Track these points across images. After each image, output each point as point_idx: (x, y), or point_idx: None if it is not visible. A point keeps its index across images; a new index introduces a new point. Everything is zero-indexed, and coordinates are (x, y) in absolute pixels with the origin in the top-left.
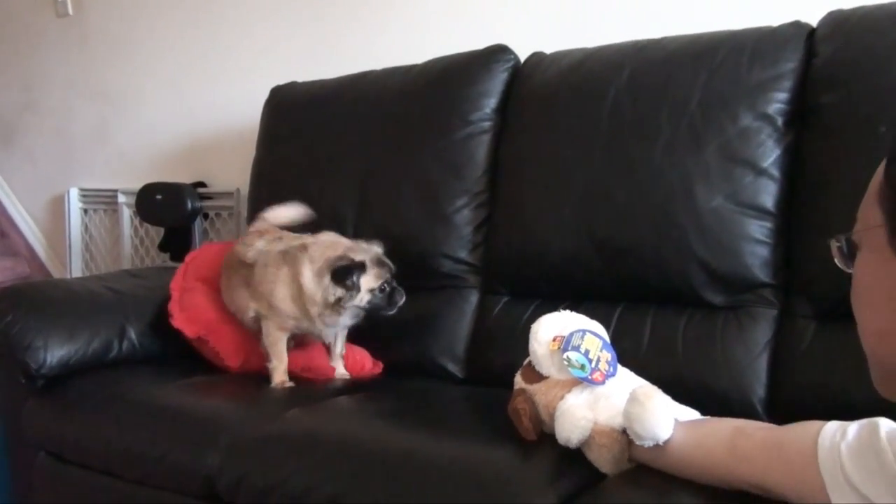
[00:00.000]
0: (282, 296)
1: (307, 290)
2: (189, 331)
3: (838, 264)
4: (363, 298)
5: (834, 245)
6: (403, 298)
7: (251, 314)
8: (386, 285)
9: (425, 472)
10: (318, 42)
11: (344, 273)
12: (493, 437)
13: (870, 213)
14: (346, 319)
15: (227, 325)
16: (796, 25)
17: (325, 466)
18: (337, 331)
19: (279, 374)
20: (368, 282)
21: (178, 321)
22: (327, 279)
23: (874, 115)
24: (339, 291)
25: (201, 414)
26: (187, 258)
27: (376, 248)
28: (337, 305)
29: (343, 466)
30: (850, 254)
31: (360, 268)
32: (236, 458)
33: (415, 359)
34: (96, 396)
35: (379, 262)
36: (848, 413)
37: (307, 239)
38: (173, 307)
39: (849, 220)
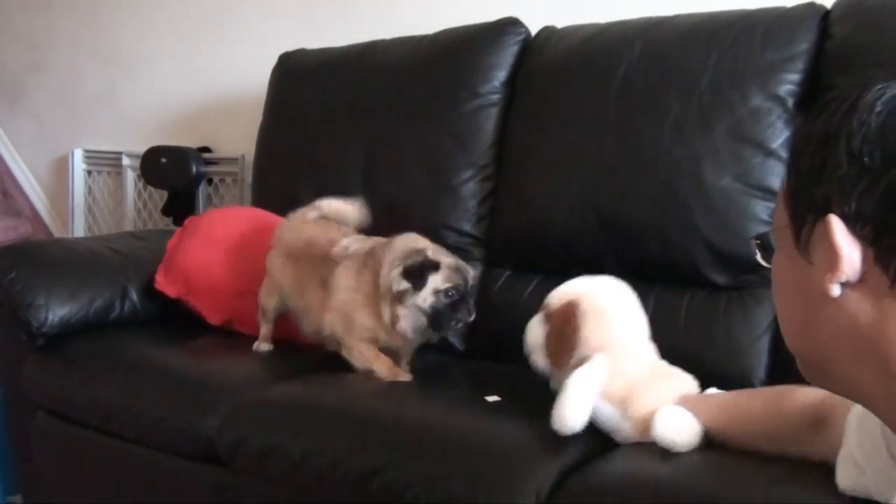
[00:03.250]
0: (360, 301)
1: (381, 282)
2: (171, 291)
3: (761, 262)
4: (426, 299)
5: (753, 243)
6: (470, 317)
7: (326, 330)
8: (454, 292)
9: (423, 440)
10: (328, 9)
11: (416, 268)
12: (494, 407)
13: (779, 213)
14: (408, 324)
15: (212, 284)
16: (810, 6)
17: (324, 432)
18: (408, 348)
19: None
20: (436, 282)
21: (161, 283)
22: (398, 270)
23: None
24: (405, 284)
25: (202, 376)
26: (187, 222)
27: (457, 259)
28: (399, 300)
29: (342, 432)
30: (769, 252)
31: (433, 267)
32: (236, 420)
33: None
34: (97, 356)
35: (455, 269)
36: None
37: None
38: (159, 269)
39: None
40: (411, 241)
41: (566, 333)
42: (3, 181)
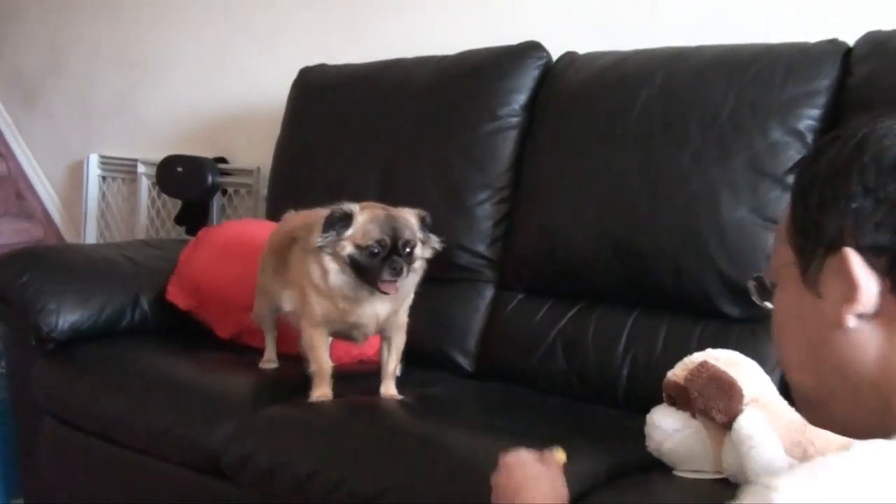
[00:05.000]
0: (309, 271)
1: (310, 242)
2: (182, 303)
3: (755, 301)
4: (345, 247)
5: (750, 284)
6: (399, 277)
7: (286, 307)
8: (377, 247)
9: (432, 461)
10: (350, 25)
11: (327, 220)
12: (500, 429)
13: (781, 251)
14: (336, 276)
15: (223, 297)
16: (833, 43)
17: (332, 451)
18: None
19: (320, 386)
20: (355, 237)
21: (172, 294)
22: (318, 226)
23: None
24: (321, 238)
25: (211, 389)
26: (200, 233)
27: (402, 213)
28: (320, 255)
29: (349, 452)
30: (766, 291)
31: (346, 217)
32: (243, 436)
33: (425, 349)
34: (106, 363)
35: (380, 223)
36: None
37: None
38: (171, 280)
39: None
40: (346, 205)
41: (724, 384)
42: (17, 184)
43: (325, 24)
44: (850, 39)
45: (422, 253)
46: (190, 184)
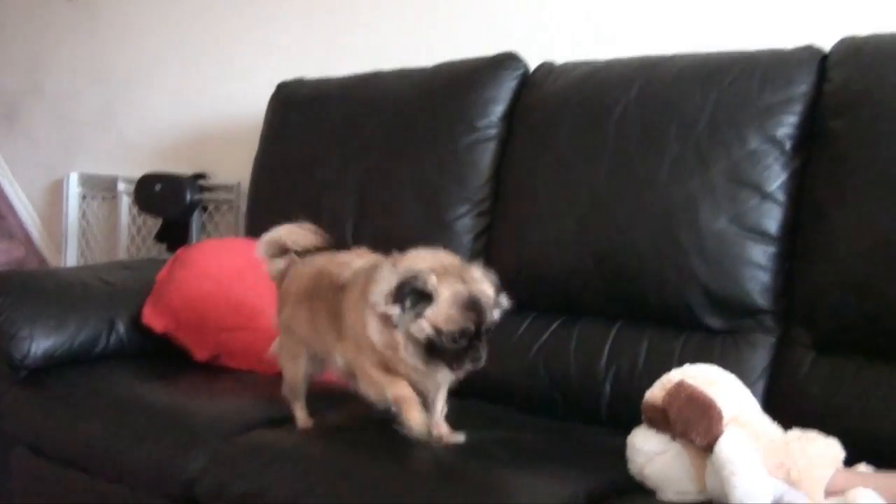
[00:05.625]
0: (366, 321)
1: (369, 297)
2: (158, 325)
3: None
4: (423, 329)
5: None
6: (479, 363)
7: (339, 361)
8: (461, 337)
9: (408, 490)
10: (327, 38)
11: (402, 292)
12: (482, 454)
13: None
14: (408, 352)
15: (200, 318)
16: (809, 50)
17: (308, 480)
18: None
19: (410, 413)
20: (436, 320)
21: (148, 316)
22: (385, 287)
23: (882, 144)
24: (390, 308)
25: (186, 415)
26: (178, 252)
27: (481, 286)
28: (390, 323)
29: (325, 481)
30: None
31: (425, 297)
32: (218, 464)
33: None
34: (79, 391)
35: (464, 304)
36: (843, 445)
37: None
38: (147, 302)
39: (851, 249)
40: (420, 259)
41: (702, 405)
42: None
43: (303, 39)
44: (827, 45)
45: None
46: (168, 202)
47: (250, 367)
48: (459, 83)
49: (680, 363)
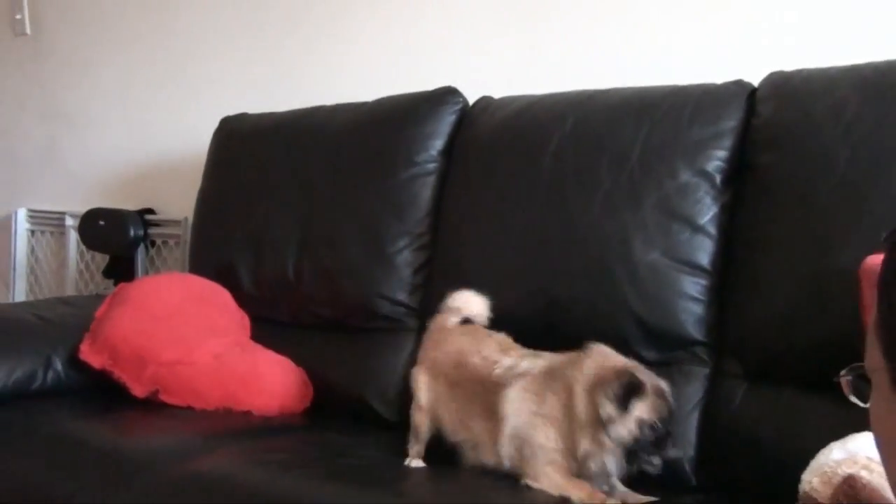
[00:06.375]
0: (541, 424)
1: (576, 407)
2: (95, 362)
3: (853, 399)
4: (630, 428)
5: (843, 379)
6: (676, 455)
7: (505, 464)
8: (659, 424)
9: None
10: (272, 73)
11: (624, 392)
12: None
13: (872, 352)
14: (609, 458)
15: (138, 355)
16: (738, 84)
17: None
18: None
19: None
20: (643, 410)
21: (85, 353)
22: (602, 393)
23: (807, 178)
24: (611, 409)
25: (118, 451)
26: (117, 289)
27: (660, 380)
28: (601, 428)
29: None
30: (862, 389)
31: (639, 389)
32: (150, 499)
33: (347, 399)
34: (11, 429)
35: (660, 394)
36: (776, 475)
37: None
38: (85, 338)
39: (779, 282)
40: (607, 359)
41: None
42: None
43: (247, 74)
44: (757, 79)
45: None
46: (113, 237)
47: (187, 402)
48: (399, 117)
49: None
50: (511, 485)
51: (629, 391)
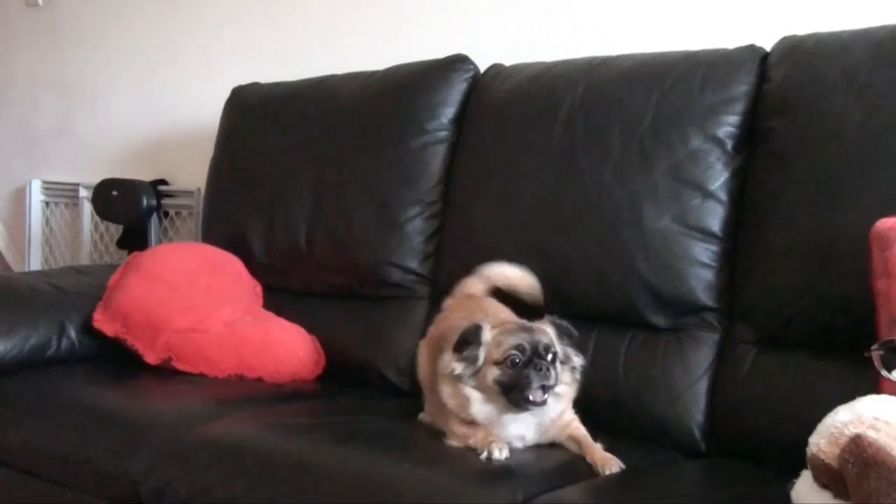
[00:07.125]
0: (443, 384)
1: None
2: (108, 330)
3: (883, 373)
4: (487, 375)
5: (874, 353)
6: (549, 380)
7: (426, 419)
8: (518, 354)
9: (350, 490)
10: (282, 43)
11: (460, 342)
12: (430, 457)
13: None
14: (479, 406)
15: (151, 322)
16: (750, 49)
17: (249, 478)
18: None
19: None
20: (490, 353)
21: (98, 321)
22: (448, 352)
23: (819, 142)
24: (458, 366)
25: (131, 417)
26: (130, 257)
27: (537, 324)
28: (458, 384)
29: (267, 479)
30: (893, 363)
31: (474, 330)
32: (162, 463)
33: (358, 366)
34: (27, 395)
35: (510, 331)
36: (783, 441)
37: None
38: (98, 306)
39: (790, 247)
40: (476, 313)
41: (891, 473)
42: None
43: (259, 44)
44: (768, 44)
45: (562, 372)
46: (125, 207)
47: (200, 369)
48: (410, 86)
49: (625, 361)
50: None
51: (464, 339)
